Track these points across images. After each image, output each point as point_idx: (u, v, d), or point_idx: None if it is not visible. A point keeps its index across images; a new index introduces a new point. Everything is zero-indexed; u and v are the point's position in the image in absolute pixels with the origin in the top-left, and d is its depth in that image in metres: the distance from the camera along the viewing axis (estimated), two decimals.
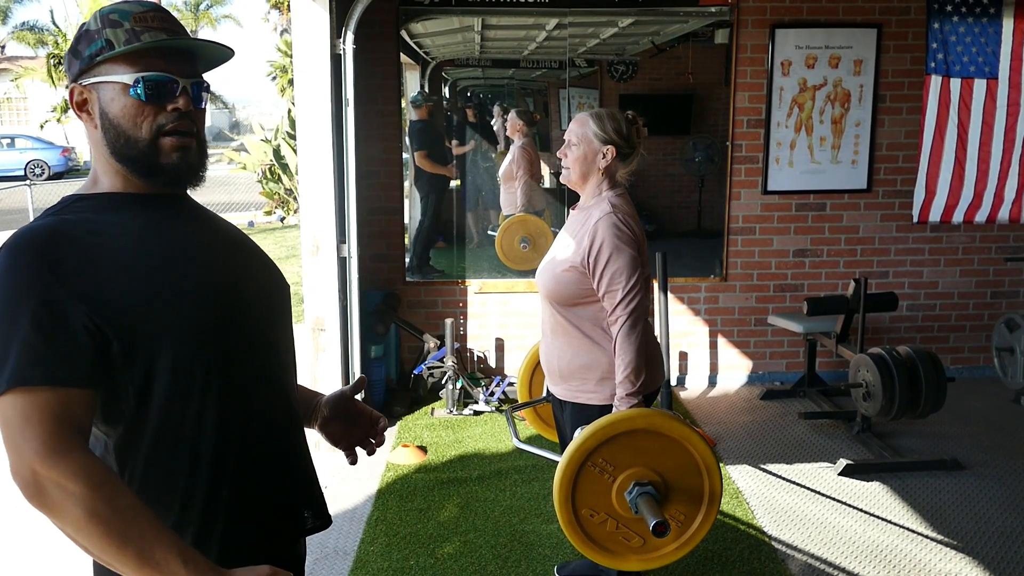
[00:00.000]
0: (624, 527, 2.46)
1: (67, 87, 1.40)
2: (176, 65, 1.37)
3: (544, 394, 3.30)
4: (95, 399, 1.28)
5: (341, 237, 4.55)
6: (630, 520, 2.45)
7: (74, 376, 1.24)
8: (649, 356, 2.64)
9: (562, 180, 2.76)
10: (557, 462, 2.50)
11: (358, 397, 1.74)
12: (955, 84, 4.96)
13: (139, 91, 1.34)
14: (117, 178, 1.40)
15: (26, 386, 1.21)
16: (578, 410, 2.70)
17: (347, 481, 4.25)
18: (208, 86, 1.44)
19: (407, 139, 5.96)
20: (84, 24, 1.38)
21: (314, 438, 1.71)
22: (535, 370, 3.40)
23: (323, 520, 1.60)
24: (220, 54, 1.45)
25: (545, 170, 6.53)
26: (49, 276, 1.25)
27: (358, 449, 1.74)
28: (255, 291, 1.50)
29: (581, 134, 2.66)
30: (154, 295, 1.32)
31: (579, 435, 2.45)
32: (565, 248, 2.65)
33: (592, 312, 2.62)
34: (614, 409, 2.55)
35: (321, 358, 4.57)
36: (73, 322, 1.25)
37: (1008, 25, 4.90)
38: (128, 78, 1.34)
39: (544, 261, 2.77)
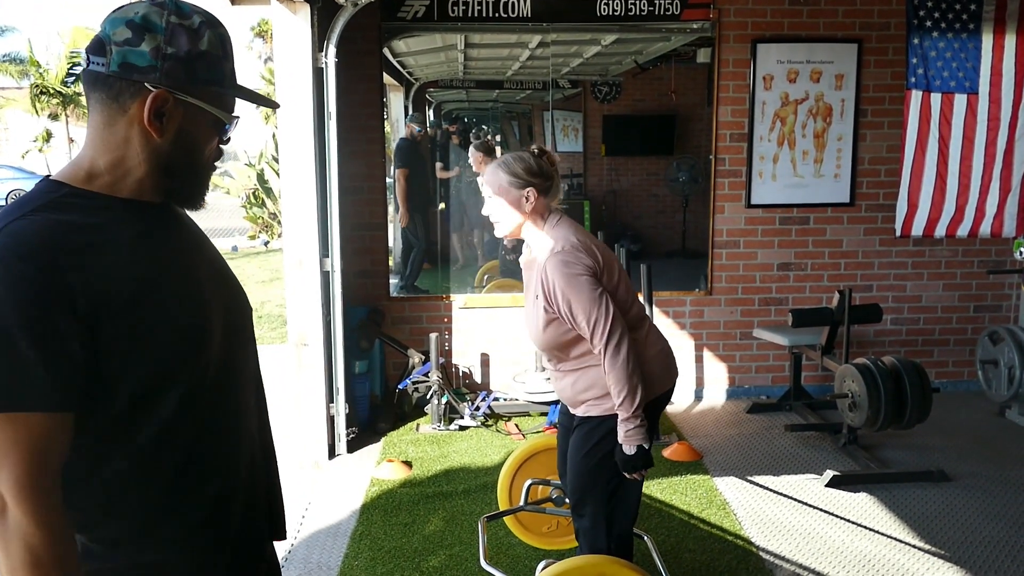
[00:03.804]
0: None
1: (148, 85, 1.28)
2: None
3: (522, 500, 3.30)
4: (74, 421, 1.22)
5: (324, 251, 4.52)
6: None
7: (67, 401, 1.19)
8: (653, 356, 2.71)
9: (497, 235, 2.74)
10: None
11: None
12: (936, 99, 5.00)
13: (227, 131, 1.39)
14: (126, 180, 1.31)
15: (17, 411, 1.15)
16: (590, 423, 2.72)
17: (331, 496, 4.19)
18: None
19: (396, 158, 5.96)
20: (176, 23, 1.28)
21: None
22: (515, 475, 3.43)
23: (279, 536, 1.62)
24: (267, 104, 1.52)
25: None
26: (47, 289, 1.16)
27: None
28: (233, 311, 1.48)
29: (497, 186, 2.61)
30: (145, 316, 1.26)
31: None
32: (535, 302, 2.63)
33: (583, 347, 2.62)
34: (618, 430, 2.55)
35: (304, 374, 4.52)
36: (70, 343, 1.17)
37: (988, 41, 4.94)
38: (224, 116, 1.36)
39: (525, 314, 2.75)
